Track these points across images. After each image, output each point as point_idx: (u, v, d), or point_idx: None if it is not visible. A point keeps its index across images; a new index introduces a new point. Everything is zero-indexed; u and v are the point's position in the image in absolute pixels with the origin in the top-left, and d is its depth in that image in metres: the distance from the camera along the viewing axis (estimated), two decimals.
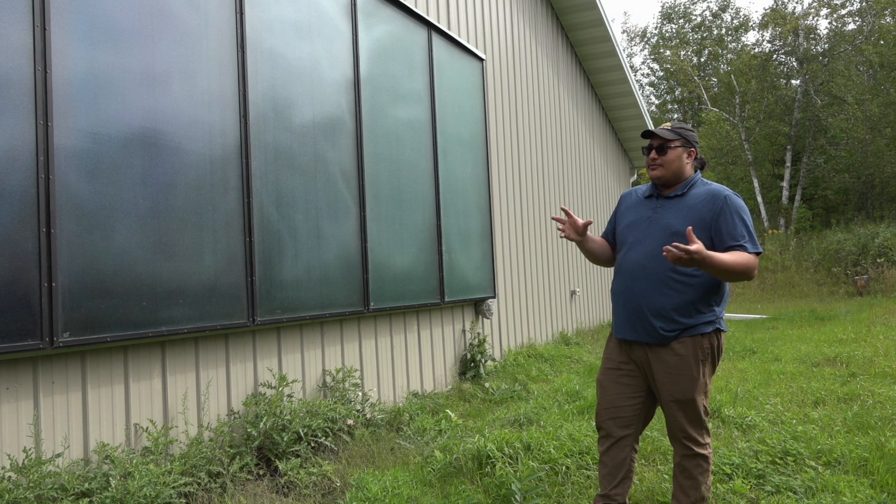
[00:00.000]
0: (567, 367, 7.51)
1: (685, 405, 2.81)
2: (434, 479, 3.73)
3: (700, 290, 2.77)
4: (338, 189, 4.89)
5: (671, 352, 2.80)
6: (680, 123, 2.96)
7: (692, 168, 2.96)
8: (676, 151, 2.88)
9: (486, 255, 7.18)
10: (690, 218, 2.79)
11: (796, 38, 27.10)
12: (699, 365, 2.79)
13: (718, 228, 2.75)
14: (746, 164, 27.12)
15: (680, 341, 2.78)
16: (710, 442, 2.89)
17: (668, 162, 2.88)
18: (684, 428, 2.83)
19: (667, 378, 2.82)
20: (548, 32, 10.44)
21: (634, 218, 2.99)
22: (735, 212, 2.75)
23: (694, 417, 2.82)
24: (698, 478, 2.84)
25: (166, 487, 3.05)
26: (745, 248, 2.69)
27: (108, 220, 3.26)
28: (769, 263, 21.32)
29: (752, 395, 5.55)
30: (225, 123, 3.98)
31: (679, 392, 2.80)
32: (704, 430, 2.86)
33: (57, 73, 3.10)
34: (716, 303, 2.82)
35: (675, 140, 2.89)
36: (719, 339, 2.85)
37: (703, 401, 2.83)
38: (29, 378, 3.04)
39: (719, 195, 2.79)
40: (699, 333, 2.78)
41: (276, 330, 4.45)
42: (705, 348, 2.79)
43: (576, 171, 11.30)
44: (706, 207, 2.78)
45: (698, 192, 2.85)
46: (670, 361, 2.80)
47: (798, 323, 11.45)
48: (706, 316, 2.79)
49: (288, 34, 4.58)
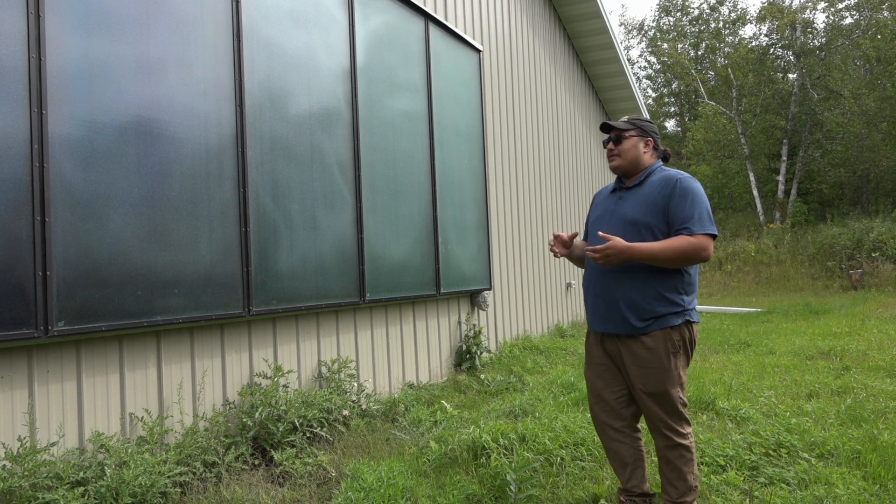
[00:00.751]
0: (562, 359, 7.52)
1: (659, 398, 2.81)
2: (429, 469, 3.73)
3: (663, 278, 2.78)
4: (334, 179, 4.87)
5: (641, 345, 2.80)
6: (636, 116, 3.03)
7: (651, 157, 2.99)
8: (631, 140, 2.95)
9: (482, 246, 7.18)
10: (645, 205, 2.83)
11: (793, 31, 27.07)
12: (670, 358, 2.78)
13: (670, 212, 2.77)
14: (743, 158, 27.12)
15: (650, 335, 2.79)
16: (690, 431, 2.88)
17: (623, 151, 2.96)
18: (662, 419, 2.83)
19: (638, 371, 2.82)
20: (545, 24, 10.41)
21: (601, 212, 3.06)
22: (685, 194, 2.75)
23: (670, 409, 2.82)
24: (682, 468, 2.84)
25: (161, 477, 3.05)
26: (690, 231, 2.70)
27: (102, 209, 3.25)
28: (764, 257, 21.38)
29: (747, 388, 5.57)
30: (221, 113, 3.97)
31: (651, 385, 2.80)
32: (683, 420, 2.86)
33: (51, 61, 3.08)
34: (683, 291, 2.81)
35: (629, 130, 2.96)
36: (691, 332, 2.84)
37: (679, 392, 2.82)
38: (24, 367, 3.03)
39: (671, 179, 2.81)
40: (669, 326, 2.77)
41: (272, 320, 4.45)
42: (675, 341, 2.78)
43: (572, 162, 11.29)
44: (659, 193, 2.81)
45: (654, 179, 2.89)
46: (641, 355, 2.81)
47: (792, 316, 11.48)
48: (674, 307, 2.78)
49: (284, 23, 4.55)
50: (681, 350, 2.81)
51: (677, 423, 2.84)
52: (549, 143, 10.19)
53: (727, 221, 26.90)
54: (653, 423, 2.88)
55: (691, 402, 5.04)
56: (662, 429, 2.85)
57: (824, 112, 25.42)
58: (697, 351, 7.97)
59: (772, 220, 25.49)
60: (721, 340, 8.70)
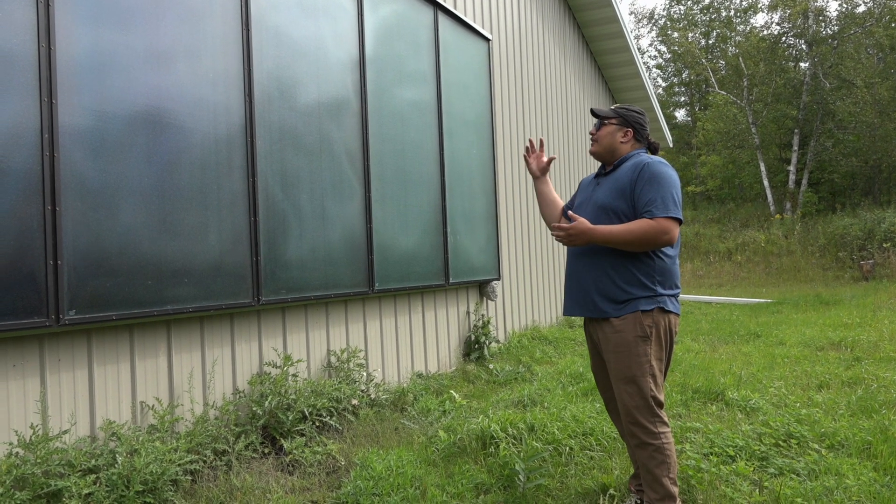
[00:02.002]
0: (571, 349, 7.52)
1: (629, 384, 2.73)
2: (438, 458, 3.74)
3: (631, 266, 2.76)
4: (343, 169, 4.87)
5: (612, 328, 2.79)
6: (626, 105, 3.04)
7: (629, 147, 2.98)
8: (609, 128, 2.97)
9: (491, 237, 7.17)
10: (615, 189, 2.83)
11: (805, 20, 26.80)
12: (638, 342, 2.72)
13: (635, 196, 2.76)
14: (753, 148, 26.92)
15: (621, 318, 2.76)
16: (664, 433, 2.74)
17: (600, 137, 3.00)
18: (632, 413, 2.74)
19: (611, 357, 2.80)
20: (555, 13, 10.34)
21: (582, 198, 3.07)
22: (650, 177, 2.73)
23: (640, 402, 2.72)
24: (655, 471, 2.72)
25: (172, 465, 3.07)
26: (651, 213, 2.67)
27: (112, 199, 3.26)
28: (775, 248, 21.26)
29: (756, 379, 5.55)
30: (230, 102, 3.96)
31: (620, 370, 2.75)
32: (656, 418, 2.73)
33: (61, 51, 3.08)
34: (656, 279, 2.76)
35: (611, 118, 2.98)
36: (666, 321, 2.77)
37: (650, 383, 2.72)
38: (35, 356, 3.05)
39: (640, 163, 2.80)
40: (639, 310, 2.74)
41: (281, 310, 4.46)
42: (646, 326, 2.72)
43: (582, 152, 11.24)
44: (627, 177, 2.81)
45: (627, 164, 2.88)
46: (612, 338, 2.78)
47: (803, 307, 11.42)
48: (645, 292, 2.75)
49: (293, 12, 4.54)
50: (651, 337, 2.73)
51: (647, 420, 2.72)
52: (559, 132, 10.15)
53: (737, 212, 26.76)
54: (624, 418, 2.79)
55: (700, 392, 5.03)
56: (630, 424, 2.76)
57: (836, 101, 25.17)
58: (706, 341, 7.94)
59: (782, 211, 25.32)
60: (731, 331, 8.67)
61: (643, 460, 2.76)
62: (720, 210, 27.52)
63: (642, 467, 2.77)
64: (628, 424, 2.78)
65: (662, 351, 2.79)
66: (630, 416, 2.75)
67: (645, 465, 2.75)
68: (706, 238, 24.07)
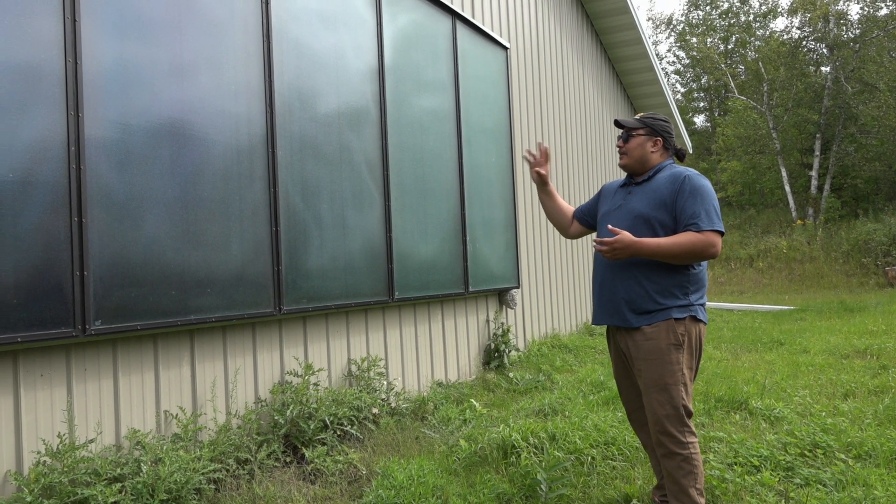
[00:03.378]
0: (591, 357, 7.48)
1: (661, 393, 2.71)
2: (459, 468, 3.74)
3: (668, 275, 2.75)
4: (362, 179, 4.90)
5: (643, 336, 2.77)
6: (651, 114, 3.02)
7: (661, 156, 2.97)
8: (638, 139, 2.95)
9: (510, 244, 7.16)
10: (654, 200, 2.82)
11: (826, 24, 26.54)
12: (671, 350, 2.72)
13: (678, 208, 2.75)
14: (774, 153, 26.67)
15: (653, 325, 2.75)
16: (692, 443, 2.73)
17: (630, 150, 2.97)
18: (661, 422, 2.72)
19: (642, 364, 2.78)
20: (573, 20, 10.34)
21: (609, 207, 3.05)
22: (693, 190, 2.74)
23: (671, 411, 2.70)
24: (681, 481, 2.69)
25: (196, 473, 3.09)
26: (698, 226, 2.67)
27: (137, 210, 3.30)
28: (797, 254, 21.03)
29: (780, 387, 5.49)
30: (251, 114, 4.01)
31: (652, 378, 2.73)
32: (686, 428, 2.72)
33: (87, 65, 3.14)
34: (689, 290, 2.77)
35: (638, 129, 2.96)
36: (698, 330, 2.79)
37: (681, 392, 2.71)
38: (62, 365, 3.09)
39: (679, 175, 2.80)
40: (672, 318, 2.74)
41: (302, 319, 4.49)
42: (679, 333, 2.72)
43: (601, 158, 11.21)
44: (667, 188, 2.80)
45: (663, 175, 2.88)
46: (643, 346, 2.77)
47: (827, 314, 11.28)
48: (678, 301, 2.75)
49: (313, 24, 4.58)
50: (684, 345, 2.73)
51: (677, 430, 2.71)
52: (577, 139, 10.13)
53: (758, 218, 26.50)
54: (652, 427, 2.78)
55: (723, 401, 4.98)
56: (659, 434, 2.74)
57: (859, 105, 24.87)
58: (728, 349, 7.86)
59: (804, 217, 25.03)
60: (753, 339, 8.58)
61: (670, 470, 2.73)
62: (741, 216, 27.27)
63: (668, 477, 2.75)
64: (657, 434, 2.75)
65: (693, 360, 2.79)
66: (660, 426, 2.73)
67: (672, 476, 2.73)
68: (727, 244, 23.87)
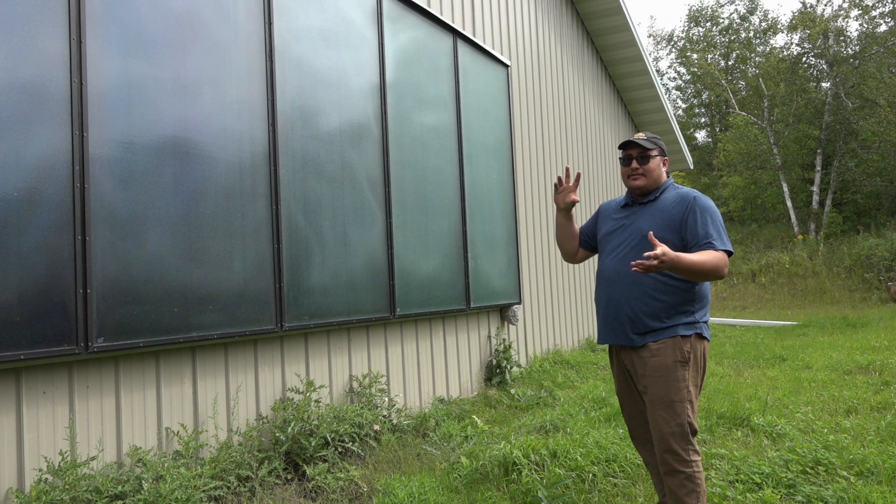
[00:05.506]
0: (593, 373, 7.47)
1: (666, 410, 2.72)
2: (460, 485, 3.73)
3: (676, 293, 2.77)
4: (364, 196, 4.93)
5: (650, 352, 2.78)
6: (649, 134, 3.05)
7: (665, 176, 3.03)
8: (656, 160, 2.98)
9: (512, 261, 7.17)
10: (662, 220, 2.84)
11: (826, 40, 26.69)
12: (678, 367, 2.73)
13: (688, 228, 2.78)
14: (775, 169, 26.72)
15: (659, 342, 2.77)
16: (697, 461, 2.73)
17: (649, 171, 2.97)
18: (666, 439, 2.72)
19: (648, 381, 2.78)
20: (573, 38, 10.42)
21: (612, 226, 3.05)
22: (703, 210, 2.78)
23: (676, 428, 2.71)
24: (684, 499, 2.69)
25: (197, 491, 3.09)
26: (713, 246, 2.70)
27: (140, 228, 3.33)
28: (799, 269, 21.00)
29: (782, 404, 5.48)
30: (254, 132, 4.04)
31: (658, 394, 2.74)
32: (690, 446, 2.72)
33: (92, 84, 3.18)
34: (695, 307, 2.80)
35: (653, 149, 2.98)
36: (702, 346, 2.81)
37: (687, 410, 2.71)
38: (65, 382, 3.10)
39: (688, 196, 2.84)
40: (678, 335, 2.75)
41: (304, 336, 4.50)
42: (685, 350, 2.74)
43: (601, 176, 11.25)
44: (676, 209, 2.83)
45: (669, 195, 2.91)
46: (650, 363, 2.78)
47: (829, 330, 11.25)
48: (684, 318, 2.77)
49: (315, 43, 4.63)
50: (690, 362, 2.74)
51: (681, 447, 2.71)
52: (578, 156, 10.17)
53: (760, 233, 26.49)
54: (657, 444, 2.78)
55: (724, 417, 4.97)
56: (664, 451, 2.74)
57: (859, 121, 24.92)
58: (731, 365, 7.84)
59: (806, 232, 25.03)
60: (755, 354, 8.56)
61: (673, 488, 2.73)
62: (742, 231, 27.26)
63: (671, 495, 2.75)
64: (661, 451, 2.75)
65: (698, 377, 2.80)
66: (664, 443, 2.73)
67: (674, 493, 2.73)
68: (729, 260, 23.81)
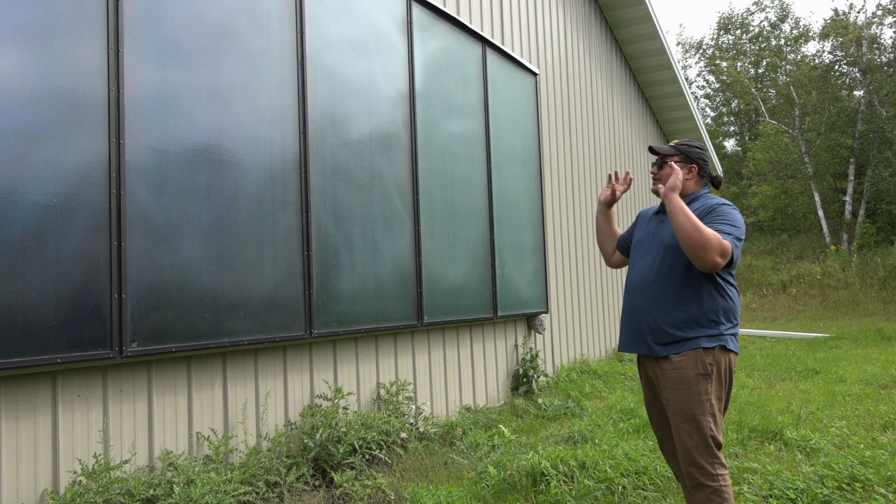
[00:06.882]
0: (621, 384, 7.39)
1: (688, 423, 2.67)
2: (488, 495, 3.71)
3: (698, 304, 2.71)
4: (393, 203, 4.94)
5: (672, 365, 2.73)
6: (685, 141, 2.99)
7: (695, 184, 2.94)
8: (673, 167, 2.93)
9: (539, 269, 7.14)
10: None
11: (859, 48, 26.27)
12: (699, 379, 2.67)
13: None
14: (807, 178, 26.31)
15: (681, 354, 2.71)
16: (723, 475, 2.66)
17: (664, 176, 2.92)
18: (690, 453, 2.67)
19: (670, 394, 2.74)
20: (602, 46, 10.38)
21: (642, 235, 3.02)
22: (721, 215, 2.72)
23: (700, 441, 2.66)
24: None
25: (227, 496, 3.11)
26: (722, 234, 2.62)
27: (174, 234, 3.37)
28: (831, 280, 20.62)
29: (816, 418, 5.37)
30: (285, 140, 4.08)
31: (680, 407, 2.69)
32: (715, 459, 2.66)
33: (129, 93, 3.23)
34: (720, 319, 2.72)
35: (673, 156, 2.93)
36: (727, 359, 2.72)
37: (710, 423, 2.66)
38: (99, 386, 3.15)
39: (713, 204, 2.79)
40: (700, 347, 2.69)
41: (332, 342, 4.51)
42: (707, 363, 2.67)
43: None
44: (699, 217, 2.76)
45: (696, 206, 2.84)
46: (671, 375, 2.73)
47: (863, 342, 11.02)
48: (707, 331, 2.70)
49: (346, 51, 4.67)
50: (713, 375, 2.68)
51: (705, 461, 2.65)
52: (606, 164, 10.11)
53: (791, 243, 26.08)
54: (681, 458, 2.73)
55: (756, 431, 4.88)
56: (688, 465, 2.69)
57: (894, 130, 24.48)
58: (762, 377, 7.72)
59: (838, 242, 24.58)
60: (787, 367, 8.41)
61: (700, 503, 2.68)
62: (773, 241, 26.86)
63: None
64: (686, 465, 2.70)
65: (722, 390, 2.73)
66: (688, 456, 2.69)
67: None
68: (759, 270, 23.49)
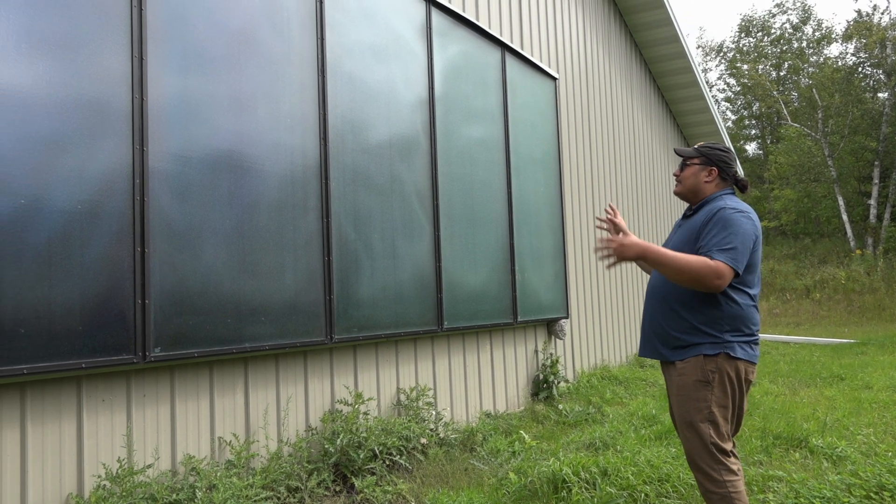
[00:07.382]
0: (642, 390, 7.33)
1: (688, 429, 2.68)
2: (508, 501, 3.69)
3: (700, 311, 2.68)
4: (412, 209, 4.95)
5: (676, 371, 2.74)
6: (710, 143, 2.96)
7: (715, 187, 2.89)
8: (692, 169, 2.92)
9: (559, 274, 7.11)
10: (687, 234, 2.79)
11: (883, 49, 25.91)
12: (699, 386, 2.65)
13: (702, 237, 2.69)
14: (830, 182, 25.98)
15: (685, 361, 2.71)
16: (732, 481, 2.62)
17: (683, 178, 2.94)
18: (692, 458, 2.70)
19: (674, 400, 2.77)
20: (621, 49, 10.34)
21: (666, 241, 3.04)
22: (720, 222, 2.65)
23: (700, 448, 2.64)
24: None
25: (248, 501, 3.12)
26: (710, 255, 2.57)
27: (196, 240, 3.40)
28: (856, 285, 20.32)
29: (842, 425, 5.28)
30: (306, 145, 4.10)
31: (681, 413, 2.71)
32: (721, 465, 2.63)
33: (152, 100, 3.27)
34: (724, 327, 2.66)
35: (693, 157, 2.93)
36: (734, 367, 2.66)
37: (709, 430, 2.63)
38: (123, 391, 3.18)
39: (715, 208, 2.73)
40: (702, 354, 2.67)
41: (353, 348, 4.52)
42: (708, 371, 2.64)
43: (650, 188, 11.09)
44: (701, 221, 2.74)
45: (705, 208, 2.80)
46: (675, 381, 2.75)
47: (890, 348, 10.84)
48: (710, 338, 2.67)
49: (366, 57, 4.69)
50: (713, 383, 2.64)
51: (709, 467, 2.64)
52: (626, 169, 10.05)
53: (814, 248, 25.76)
54: (689, 464, 2.76)
55: (781, 438, 4.81)
56: (693, 470, 2.72)
57: None
58: (786, 383, 7.61)
59: (863, 246, 24.22)
60: (812, 373, 8.29)
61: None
62: (796, 246, 26.54)
63: None
64: (693, 472, 2.74)
65: (727, 398, 2.67)
66: (693, 463, 2.72)
67: None
68: (782, 275, 23.22)
